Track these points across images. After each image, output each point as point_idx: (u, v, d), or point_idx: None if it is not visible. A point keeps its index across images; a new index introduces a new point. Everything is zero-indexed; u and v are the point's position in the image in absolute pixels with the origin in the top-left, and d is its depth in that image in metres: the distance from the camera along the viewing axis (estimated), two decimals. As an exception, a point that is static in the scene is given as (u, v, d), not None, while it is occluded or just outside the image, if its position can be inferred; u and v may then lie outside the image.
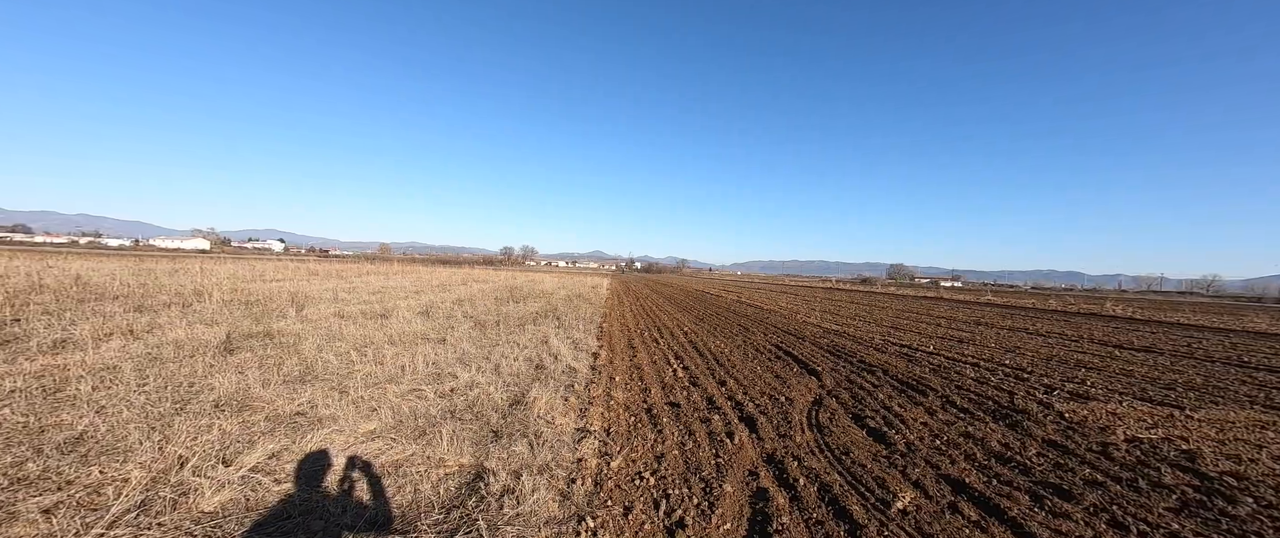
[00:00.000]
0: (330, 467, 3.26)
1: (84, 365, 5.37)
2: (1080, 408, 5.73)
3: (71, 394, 4.46)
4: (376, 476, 3.18)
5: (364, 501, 2.89)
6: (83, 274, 15.34)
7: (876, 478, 3.61)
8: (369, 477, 3.15)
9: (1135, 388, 7.01)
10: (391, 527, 2.66)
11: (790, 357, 8.78)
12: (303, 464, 3.26)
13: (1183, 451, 4.39)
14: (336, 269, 32.11)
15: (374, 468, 3.28)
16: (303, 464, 3.26)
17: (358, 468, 3.26)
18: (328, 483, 3.06)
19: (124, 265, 21.81)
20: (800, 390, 6.27)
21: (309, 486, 3.01)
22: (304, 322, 9.24)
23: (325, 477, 3.13)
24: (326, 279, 21.63)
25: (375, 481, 3.11)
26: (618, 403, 5.31)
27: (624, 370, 7.03)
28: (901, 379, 7.12)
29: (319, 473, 3.16)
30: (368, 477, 3.15)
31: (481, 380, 5.58)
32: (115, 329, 7.57)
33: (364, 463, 3.33)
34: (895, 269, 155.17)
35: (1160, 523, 3.13)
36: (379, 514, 2.75)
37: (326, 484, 3.05)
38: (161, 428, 3.74)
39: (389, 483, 3.12)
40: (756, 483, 3.48)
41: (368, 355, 6.58)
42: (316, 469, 3.20)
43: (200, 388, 4.80)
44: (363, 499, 2.90)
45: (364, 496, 2.95)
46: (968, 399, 6.06)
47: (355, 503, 2.84)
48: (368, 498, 2.92)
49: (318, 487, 3.00)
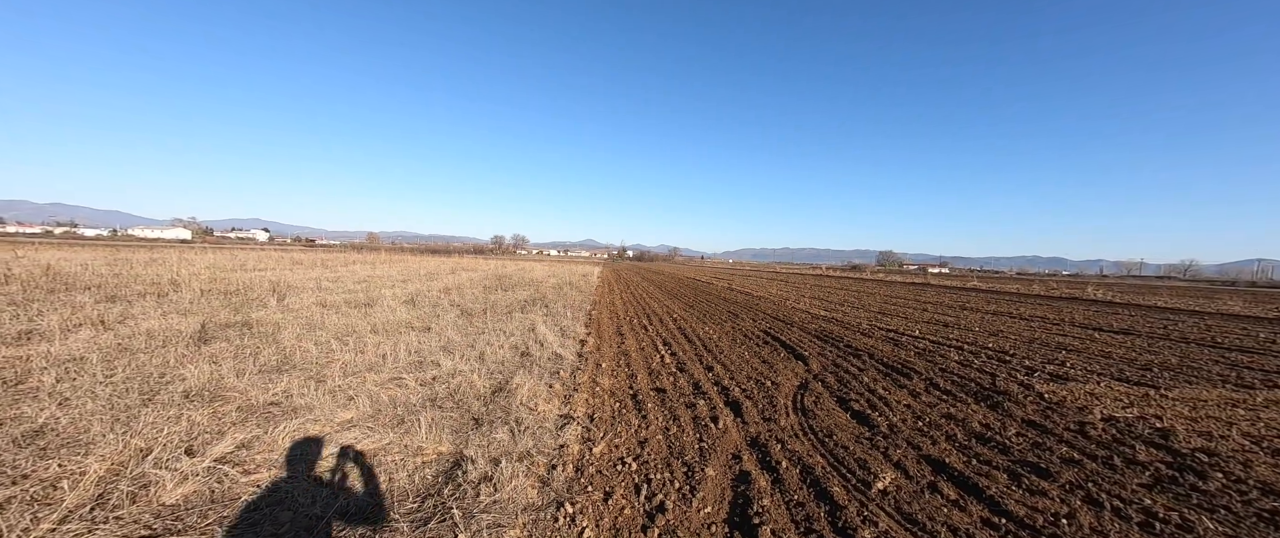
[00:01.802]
0: (302, 457, 3.17)
1: (48, 357, 5.18)
2: (1060, 389, 5.82)
3: (34, 387, 4.30)
4: (350, 465, 3.10)
5: (336, 490, 2.81)
6: (53, 264, 14.84)
7: (858, 460, 3.62)
8: (342, 466, 3.07)
9: (1113, 369, 7.14)
10: (363, 516, 2.59)
11: (778, 342, 8.80)
12: (273, 455, 3.17)
13: (1157, 429, 4.47)
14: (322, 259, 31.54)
15: (348, 457, 3.20)
16: (273, 455, 3.17)
17: (331, 458, 3.18)
18: (298, 473, 2.98)
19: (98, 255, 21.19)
20: (787, 375, 6.28)
21: (279, 476, 2.92)
22: (285, 311, 9.04)
23: (296, 467, 3.04)
24: (311, 269, 21.22)
25: (349, 470, 3.04)
26: (603, 389, 5.27)
27: (611, 357, 6.99)
28: (887, 363, 7.17)
29: (290, 463, 3.08)
30: (341, 466, 3.07)
31: (465, 368, 5.49)
32: (85, 320, 7.33)
33: (338, 452, 3.25)
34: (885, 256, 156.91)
35: (1133, 499, 3.18)
36: (351, 504, 2.67)
37: (297, 474, 2.96)
38: (127, 420, 3.62)
39: (363, 472, 3.04)
40: (739, 466, 3.47)
41: (349, 344, 6.45)
42: (287, 459, 3.11)
43: (171, 379, 4.66)
44: (335, 489, 2.83)
45: (336, 485, 2.87)
46: (951, 382, 6.12)
47: (327, 493, 2.76)
48: (340, 488, 2.85)
49: (288, 477, 2.92)
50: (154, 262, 18.83)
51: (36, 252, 21.78)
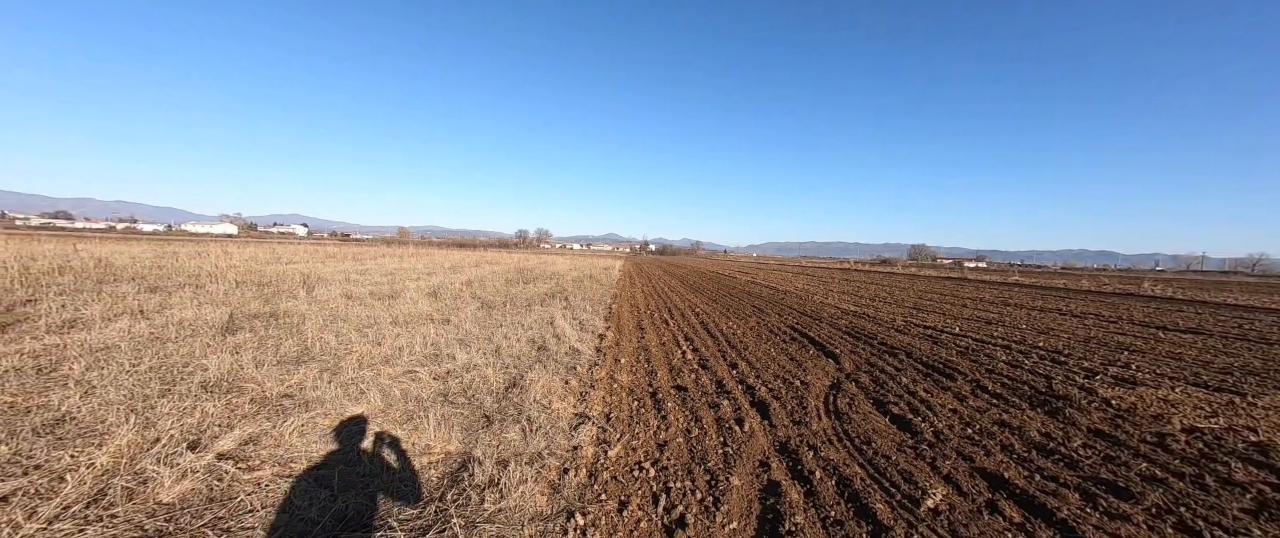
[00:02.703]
0: (306, 454, 3.05)
1: (83, 346, 5.32)
2: (1127, 394, 5.23)
3: (64, 375, 4.38)
4: (352, 465, 2.96)
5: (335, 492, 2.66)
6: (106, 257, 15.72)
7: (902, 471, 3.25)
8: (344, 466, 2.93)
9: (1186, 372, 6.42)
10: (361, 521, 2.43)
11: (806, 339, 8.37)
12: (279, 450, 3.06)
13: (1252, 443, 3.90)
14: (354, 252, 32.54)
15: (351, 457, 3.06)
16: (279, 450, 3.06)
17: (334, 456, 3.05)
18: (299, 471, 2.85)
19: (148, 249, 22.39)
20: (817, 374, 5.89)
21: (279, 474, 2.80)
22: (312, 302, 9.19)
23: (298, 465, 2.92)
24: (342, 261, 21.84)
25: (350, 470, 2.89)
26: (621, 387, 5.03)
27: (630, 352, 6.75)
28: (926, 362, 6.67)
29: (292, 460, 2.96)
30: (343, 466, 2.93)
31: (480, 362, 5.35)
32: (126, 309, 7.60)
33: (343, 451, 3.12)
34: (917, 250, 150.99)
35: (1238, 528, 2.71)
36: (348, 508, 2.52)
37: (297, 473, 2.84)
38: (143, 410, 3.60)
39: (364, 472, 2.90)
40: (768, 476, 3.16)
41: (368, 336, 6.43)
42: (290, 456, 3.00)
43: (193, 369, 4.68)
44: (333, 491, 2.68)
45: (336, 487, 2.73)
46: (1001, 384, 5.60)
47: (325, 495, 2.62)
48: (339, 490, 2.70)
49: (288, 476, 2.79)
50: (198, 255, 19.75)
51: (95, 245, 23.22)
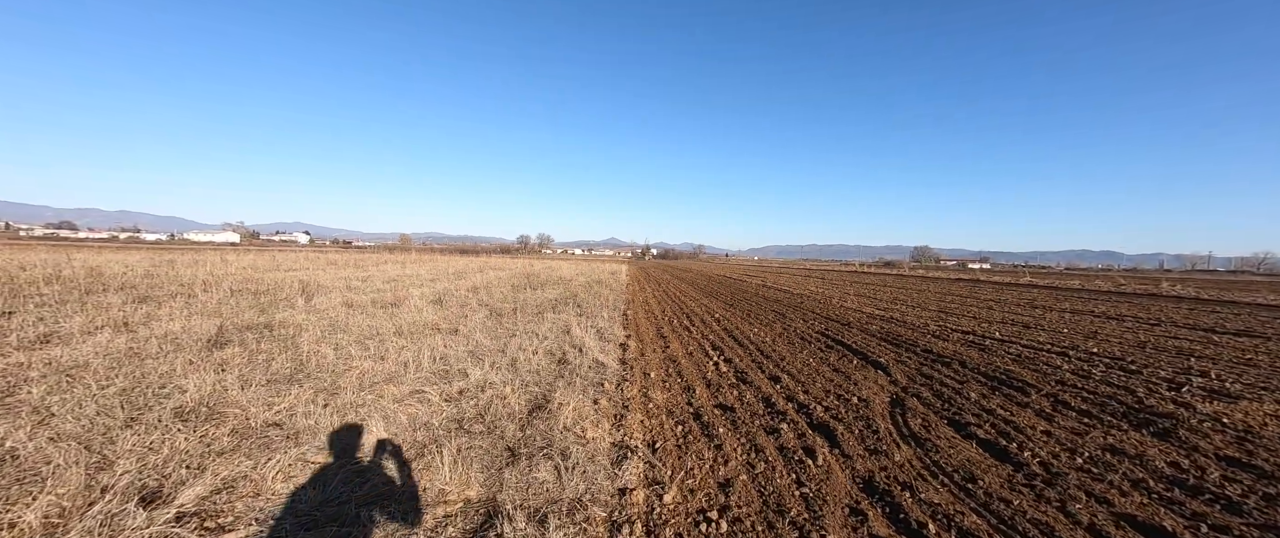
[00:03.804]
0: (293, 507, 2.44)
1: (51, 364, 4.73)
2: (1232, 409, 4.59)
3: (20, 401, 3.79)
4: (350, 525, 2.35)
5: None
6: (99, 266, 15.18)
7: (1033, 521, 2.62)
8: (339, 528, 2.32)
9: (1276, 382, 5.78)
10: (361, 612, 1.82)
11: (843, 346, 7.74)
12: (257, 502, 2.46)
13: None
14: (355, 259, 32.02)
15: (349, 514, 2.45)
16: (257, 502, 2.46)
17: (328, 510, 2.44)
18: (281, 533, 2.25)
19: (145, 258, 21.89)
20: (871, 388, 5.27)
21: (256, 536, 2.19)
22: (310, 312, 8.60)
23: (282, 523, 2.32)
24: (343, 268, 21.28)
25: (347, 533, 2.28)
26: (658, 406, 4.41)
27: (658, 365, 6.13)
28: (985, 373, 6.03)
29: (273, 516, 2.35)
30: (338, 528, 2.32)
31: (496, 379, 4.74)
32: (109, 321, 7.01)
33: (339, 501, 2.51)
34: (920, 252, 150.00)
35: None
36: (345, 590, 1.91)
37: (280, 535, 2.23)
38: (101, 445, 3.00)
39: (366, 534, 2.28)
40: (868, 530, 2.54)
41: (370, 349, 5.83)
42: (272, 511, 2.39)
43: (170, 391, 4.08)
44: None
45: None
46: (1082, 399, 4.97)
47: (316, 568, 2.01)
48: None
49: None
50: (196, 263, 19.21)
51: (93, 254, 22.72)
